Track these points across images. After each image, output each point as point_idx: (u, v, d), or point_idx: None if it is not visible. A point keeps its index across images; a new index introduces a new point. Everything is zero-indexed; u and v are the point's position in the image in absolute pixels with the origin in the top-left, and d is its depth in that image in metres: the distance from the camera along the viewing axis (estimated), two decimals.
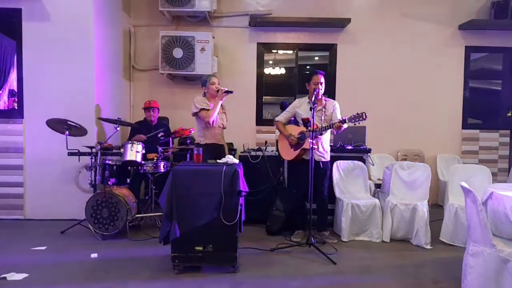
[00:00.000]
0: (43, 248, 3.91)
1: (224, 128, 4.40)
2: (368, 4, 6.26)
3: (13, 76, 5.56)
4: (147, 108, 5.19)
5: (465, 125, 6.37)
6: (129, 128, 5.33)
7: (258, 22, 6.08)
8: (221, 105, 4.23)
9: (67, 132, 4.32)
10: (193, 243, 3.33)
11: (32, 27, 4.89)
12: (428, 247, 4.04)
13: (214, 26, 6.21)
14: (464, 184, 2.88)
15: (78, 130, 4.42)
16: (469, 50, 6.30)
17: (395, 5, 6.20)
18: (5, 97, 5.85)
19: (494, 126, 6.40)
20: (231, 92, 4.14)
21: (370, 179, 5.09)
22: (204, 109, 4.16)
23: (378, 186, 5.03)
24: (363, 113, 3.76)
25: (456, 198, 4.17)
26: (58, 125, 4.34)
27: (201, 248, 3.33)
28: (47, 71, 4.90)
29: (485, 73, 6.69)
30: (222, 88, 4.16)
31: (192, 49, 5.76)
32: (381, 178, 4.91)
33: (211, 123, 4.16)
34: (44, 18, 4.87)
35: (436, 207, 5.73)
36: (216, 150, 4.16)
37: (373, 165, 5.02)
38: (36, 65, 4.91)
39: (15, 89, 5.22)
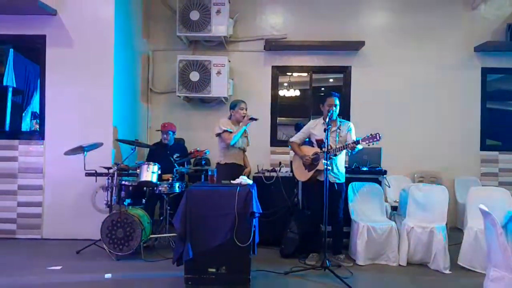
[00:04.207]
0: (59, 267, 3.95)
1: (244, 150, 4.59)
2: (382, 27, 6.32)
3: (36, 99, 5.76)
4: (162, 131, 5.28)
5: (483, 147, 6.25)
6: (145, 149, 5.43)
7: (273, 46, 6.20)
8: (245, 129, 4.47)
9: (85, 152, 4.42)
10: (206, 264, 3.32)
11: (55, 52, 5.09)
12: (447, 271, 3.92)
13: (230, 50, 6.35)
14: (483, 206, 2.81)
15: (94, 145, 4.51)
16: (485, 71, 6.25)
17: (409, 28, 6.24)
18: (27, 119, 6.05)
19: None
20: (256, 119, 4.39)
21: (386, 201, 5.01)
22: (227, 131, 4.34)
23: (394, 208, 4.94)
24: (377, 134, 3.76)
25: (475, 221, 4.04)
26: (74, 151, 4.44)
27: (214, 270, 3.31)
28: (68, 95, 5.07)
29: (503, 94, 6.59)
30: (248, 114, 4.40)
31: (208, 72, 5.88)
32: (398, 200, 4.83)
33: (231, 144, 4.35)
34: (67, 44, 5.07)
35: (455, 230, 5.57)
36: (235, 170, 4.32)
37: (389, 187, 4.94)
38: (58, 89, 5.08)
39: (38, 111, 5.40)
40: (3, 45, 5.48)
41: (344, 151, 4.08)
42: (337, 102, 4.19)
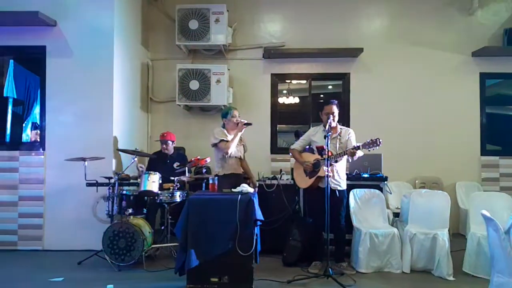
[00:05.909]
0: (60, 279, 3.92)
1: (241, 159, 4.53)
2: (380, 33, 6.35)
3: (36, 110, 5.78)
4: (161, 141, 5.28)
5: (484, 152, 6.24)
6: (146, 158, 5.43)
7: (272, 54, 6.23)
8: (240, 136, 4.41)
9: (86, 162, 4.43)
10: (208, 274, 3.31)
11: (55, 63, 5.10)
12: (451, 278, 3.89)
13: (229, 58, 6.37)
14: (486, 212, 2.81)
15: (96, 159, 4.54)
16: (483, 76, 6.27)
17: (407, 34, 6.27)
18: (28, 130, 6.06)
19: None
20: (250, 124, 4.36)
21: (388, 207, 4.99)
22: (223, 140, 4.31)
23: (396, 215, 4.93)
24: (377, 139, 3.75)
25: (478, 227, 4.03)
26: (75, 158, 4.47)
27: (216, 280, 3.30)
28: (69, 105, 5.08)
29: (502, 99, 6.61)
30: (241, 120, 4.35)
31: (208, 81, 5.90)
32: (399, 207, 4.82)
33: (229, 154, 4.29)
34: (66, 54, 5.09)
35: (458, 236, 5.55)
36: (234, 180, 4.27)
37: (390, 193, 4.94)
38: (58, 99, 5.09)
39: (38, 122, 5.41)
40: (3, 56, 5.51)
41: (345, 157, 4.08)
42: (335, 110, 4.19)
